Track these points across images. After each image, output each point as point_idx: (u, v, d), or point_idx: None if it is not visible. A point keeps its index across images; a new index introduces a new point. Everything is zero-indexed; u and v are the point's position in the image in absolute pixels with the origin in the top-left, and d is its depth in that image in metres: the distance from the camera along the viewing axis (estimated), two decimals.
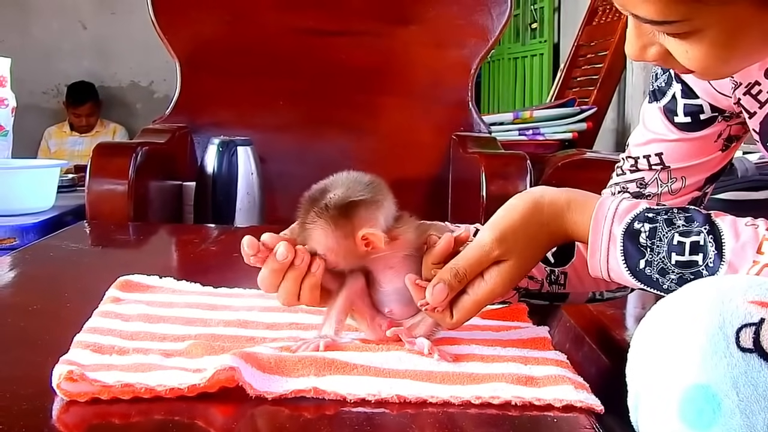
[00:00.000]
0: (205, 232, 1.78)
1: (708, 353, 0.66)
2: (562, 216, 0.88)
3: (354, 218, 0.85)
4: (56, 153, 5.16)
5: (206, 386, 0.72)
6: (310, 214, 0.85)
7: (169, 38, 2.36)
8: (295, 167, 2.31)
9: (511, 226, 0.86)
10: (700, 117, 1.04)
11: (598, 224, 0.86)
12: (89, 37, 5.67)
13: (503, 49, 5.98)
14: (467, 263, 0.85)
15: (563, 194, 0.90)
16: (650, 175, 1.08)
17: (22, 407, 0.71)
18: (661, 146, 1.07)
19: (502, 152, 2.16)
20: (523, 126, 2.72)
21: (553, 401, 0.74)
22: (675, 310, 0.72)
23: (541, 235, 0.88)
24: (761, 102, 0.95)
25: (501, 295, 0.88)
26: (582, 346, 1.22)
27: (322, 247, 0.86)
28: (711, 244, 0.81)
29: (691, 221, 0.84)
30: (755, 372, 0.65)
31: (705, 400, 0.66)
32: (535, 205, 0.88)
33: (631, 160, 1.09)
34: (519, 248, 0.86)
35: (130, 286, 1.07)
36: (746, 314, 0.67)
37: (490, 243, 0.85)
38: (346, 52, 2.41)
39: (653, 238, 0.84)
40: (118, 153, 1.96)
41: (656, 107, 1.07)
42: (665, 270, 0.83)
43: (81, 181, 2.28)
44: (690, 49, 0.79)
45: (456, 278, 0.85)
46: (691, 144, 1.06)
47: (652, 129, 1.08)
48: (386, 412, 0.72)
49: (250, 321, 0.95)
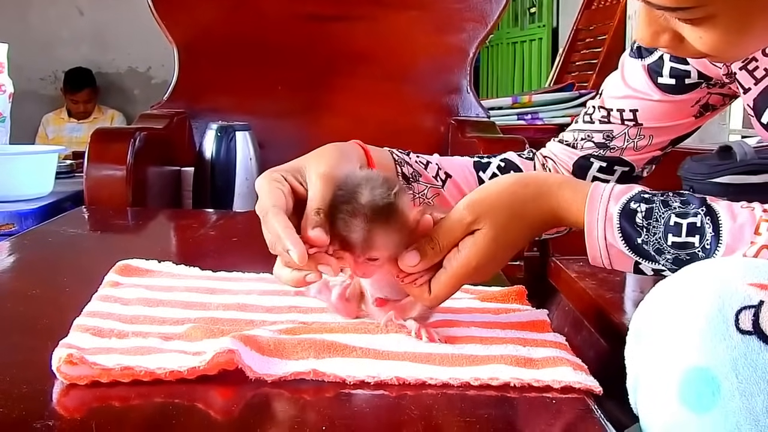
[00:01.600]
0: (204, 217, 1.78)
1: (707, 336, 0.66)
2: (551, 193, 0.85)
3: (401, 210, 0.81)
4: (54, 139, 5.15)
5: (206, 369, 0.72)
6: (355, 222, 0.79)
7: (167, 24, 2.36)
8: (293, 153, 2.29)
9: (486, 195, 0.85)
10: (686, 81, 1.05)
11: (593, 203, 0.84)
12: (87, 24, 5.66)
13: (502, 33, 5.97)
14: (441, 231, 0.84)
15: (555, 175, 0.90)
16: (620, 129, 1.09)
17: (22, 390, 0.71)
18: (638, 103, 1.08)
19: (501, 137, 2.16)
20: (522, 110, 2.72)
21: (551, 382, 0.74)
22: (674, 293, 0.72)
23: (527, 211, 0.85)
24: (757, 78, 0.96)
25: (478, 268, 0.84)
26: (581, 329, 1.22)
27: (386, 247, 0.81)
28: (708, 225, 0.81)
29: (687, 204, 0.83)
30: (755, 354, 0.65)
31: (704, 383, 0.66)
32: (517, 179, 0.87)
33: (603, 111, 1.10)
34: (495, 217, 0.83)
35: (129, 270, 1.07)
36: (745, 297, 0.67)
37: (462, 209, 0.84)
38: (344, 37, 2.40)
39: (649, 219, 0.83)
40: (116, 138, 1.96)
41: (639, 64, 1.07)
42: (661, 250, 0.82)
43: (79, 167, 2.28)
44: (704, 34, 0.78)
45: (429, 245, 0.83)
46: (668, 105, 1.07)
47: (632, 85, 1.08)
48: (385, 394, 0.72)
49: (249, 304, 0.96)
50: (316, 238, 0.78)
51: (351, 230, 0.79)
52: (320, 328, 0.85)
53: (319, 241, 0.78)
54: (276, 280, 0.85)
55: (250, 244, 1.09)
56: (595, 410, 0.70)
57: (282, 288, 0.99)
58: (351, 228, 0.79)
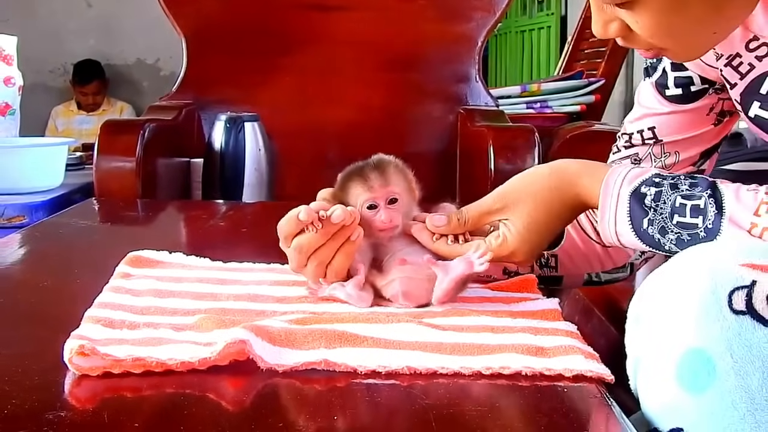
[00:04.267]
0: (214, 208, 1.78)
1: (701, 317, 0.68)
2: (573, 181, 0.91)
3: (405, 166, 0.95)
4: (64, 132, 5.15)
5: (217, 359, 0.72)
6: (368, 170, 0.92)
7: (174, 15, 2.36)
8: (302, 143, 2.31)
9: (512, 185, 0.93)
10: (691, 89, 1.06)
11: (608, 188, 0.88)
12: (95, 15, 5.66)
13: (510, 22, 5.95)
14: (471, 209, 0.93)
15: (575, 162, 0.93)
16: (644, 150, 1.09)
17: (34, 381, 0.71)
18: (653, 120, 1.08)
19: (510, 125, 2.16)
20: (531, 99, 2.71)
21: (563, 371, 0.74)
22: (669, 277, 0.73)
23: (552, 199, 0.91)
24: (742, 73, 0.97)
25: (510, 249, 0.91)
26: (591, 318, 1.22)
27: (401, 186, 0.93)
28: (711, 206, 0.83)
29: (695, 186, 0.85)
30: (749, 333, 0.66)
31: (700, 364, 0.67)
32: (539, 170, 0.93)
33: (626, 137, 1.11)
34: (522, 206, 0.91)
35: (140, 261, 1.07)
36: (738, 277, 0.68)
37: (492, 196, 0.93)
38: (353, 26, 2.40)
39: (657, 201, 0.86)
40: (125, 130, 1.96)
41: (649, 83, 1.09)
42: (665, 229, 0.85)
43: (89, 159, 2.28)
44: (639, 19, 0.81)
45: (456, 216, 0.93)
46: (682, 116, 1.07)
47: (644, 104, 1.10)
48: (397, 383, 0.72)
49: (259, 295, 0.96)
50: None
51: (368, 177, 0.92)
52: (331, 318, 0.85)
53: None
54: (286, 270, 0.87)
55: (259, 235, 1.09)
56: (607, 398, 0.70)
57: (293, 278, 0.99)
58: (367, 175, 0.92)
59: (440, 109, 2.38)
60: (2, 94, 2.28)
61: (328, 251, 0.91)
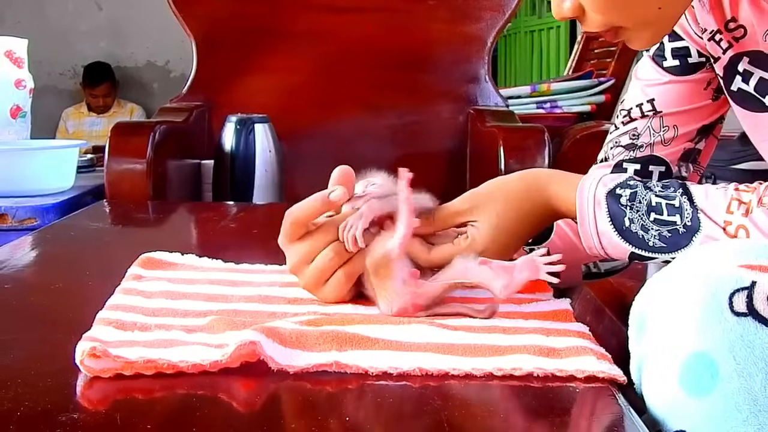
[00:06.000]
0: (225, 210, 1.78)
1: (703, 321, 0.68)
2: (544, 186, 0.92)
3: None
4: (74, 134, 5.18)
5: (228, 362, 0.72)
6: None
7: (184, 17, 2.36)
8: (312, 145, 2.31)
9: (483, 187, 0.94)
10: (689, 60, 1.08)
11: (582, 192, 0.90)
12: (105, 18, 5.68)
13: (519, 22, 5.94)
14: (440, 210, 0.93)
15: (546, 170, 0.97)
16: (643, 123, 1.10)
17: (46, 383, 0.71)
18: (652, 91, 1.09)
19: (520, 125, 2.16)
20: (541, 99, 2.70)
21: (575, 372, 0.74)
22: (669, 281, 0.73)
23: (522, 200, 0.92)
24: (723, 48, 1.00)
25: (479, 249, 0.90)
26: (603, 318, 1.21)
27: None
28: (686, 203, 0.85)
29: (667, 188, 0.88)
30: (751, 335, 0.66)
31: (703, 367, 0.67)
32: (511, 176, 0.95)
33: (624, 112, 1.13)
34: (491, 206, 0.91)
35: (152, 263, 1.07)
36: (737, 279, 0.68)
37: (462, 197, 0.93)
38: (362, 27, 2.40)
39: (633, 201, 0.88)
40: (136, 132, 1.96)
41: (647, 56, 1.11)
42: (645, 227, 0.87)
43: (99, 161, 2.29)
44: None
45: (425, 216, 0.92)
46: (681, 87, 1.08)
47: (642, 77, 1.12)
48: (408, 384, 0.72)
49: (271, 296, 0.96)
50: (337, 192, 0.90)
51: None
52: (342, 320, 0.85)
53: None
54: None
55: (271, 237, 1.09)
56: (619, 399, 0.70)
57: None
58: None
59: (450, 110, 2.38)
60: (13, 96, 2.29)
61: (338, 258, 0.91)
